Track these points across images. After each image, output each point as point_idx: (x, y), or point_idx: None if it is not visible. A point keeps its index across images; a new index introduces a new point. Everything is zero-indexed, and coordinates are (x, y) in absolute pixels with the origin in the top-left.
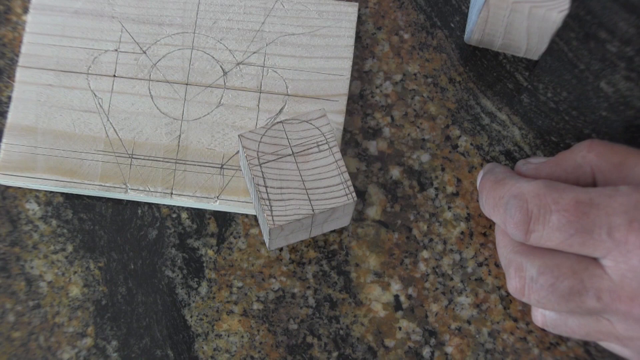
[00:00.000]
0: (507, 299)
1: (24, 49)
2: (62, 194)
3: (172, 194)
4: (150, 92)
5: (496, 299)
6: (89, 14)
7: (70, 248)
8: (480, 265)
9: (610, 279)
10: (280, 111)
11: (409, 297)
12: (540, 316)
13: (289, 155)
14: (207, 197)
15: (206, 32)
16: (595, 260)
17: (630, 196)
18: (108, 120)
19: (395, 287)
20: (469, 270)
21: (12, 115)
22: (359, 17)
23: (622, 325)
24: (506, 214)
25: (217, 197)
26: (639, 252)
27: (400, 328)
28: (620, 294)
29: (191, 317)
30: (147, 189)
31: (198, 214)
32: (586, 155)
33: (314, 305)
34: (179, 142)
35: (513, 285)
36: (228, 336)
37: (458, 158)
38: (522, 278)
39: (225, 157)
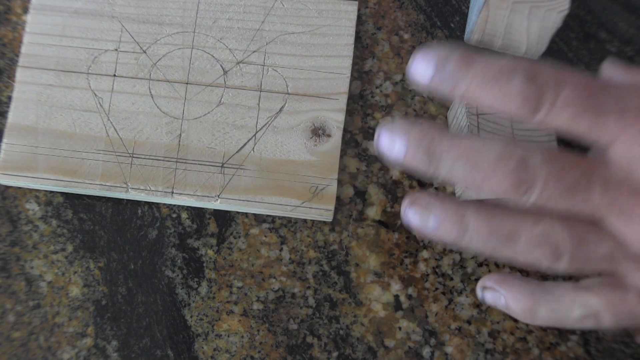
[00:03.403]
0: None
1: (24, 49)
2: (62, 193)
3: (172, 193)
4: (150, 92)
5: None
6: (89, 14)
7: (70, 248)
8: (480, 265)
9: (615, 171)
10: (281, 110)
11: (409, 297)
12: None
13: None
14: (207, 196)
15: (206, 31)
16: (601, 153)
17: None
18: (108, 119)
19: (395, 287)
20: (469, 270)
21: (13, 115)
22: (359, 17)
23: (630, 232)
24: (510, 86)
25: (218, 195)
26: None
27: (400, 328)
28: (623, 186)
29: (191, 317)
30: (148, 188)
31: (198, 214)
32: None
33: (314, 305)
34: (179, 141)
35: (510, 180)
36: (228, 336)
37: None
38: (525, 169)
39: (225, 155)
